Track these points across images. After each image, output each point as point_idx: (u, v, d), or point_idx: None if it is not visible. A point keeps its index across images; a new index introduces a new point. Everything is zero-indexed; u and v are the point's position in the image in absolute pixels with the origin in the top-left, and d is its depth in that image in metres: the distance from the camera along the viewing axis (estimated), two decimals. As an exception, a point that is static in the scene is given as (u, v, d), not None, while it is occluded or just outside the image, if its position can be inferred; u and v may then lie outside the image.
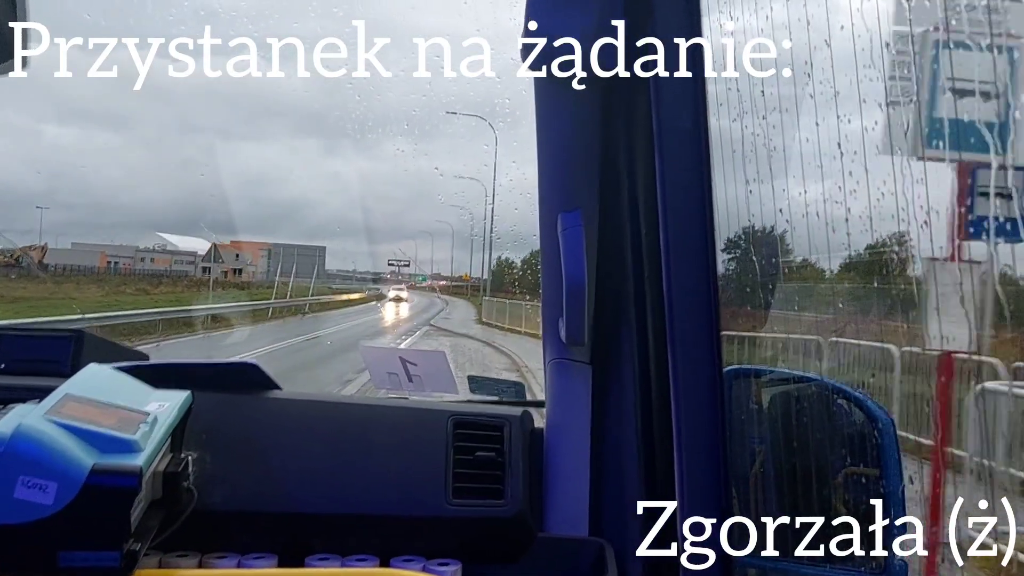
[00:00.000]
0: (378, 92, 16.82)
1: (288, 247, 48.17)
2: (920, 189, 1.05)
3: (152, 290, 40.31)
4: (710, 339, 1.26)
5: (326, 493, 1.49)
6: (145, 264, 72.19)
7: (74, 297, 31.08)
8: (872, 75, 1.08)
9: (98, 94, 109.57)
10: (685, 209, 1.24)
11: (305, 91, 39.50)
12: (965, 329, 1.72)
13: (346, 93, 19.90)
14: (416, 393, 2.09)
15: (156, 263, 73.94)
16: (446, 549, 1.49)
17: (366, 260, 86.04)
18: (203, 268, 74.11)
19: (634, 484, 1.52)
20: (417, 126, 43.99)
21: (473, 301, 52.18)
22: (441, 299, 56.03)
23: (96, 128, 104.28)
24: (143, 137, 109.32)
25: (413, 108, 25.24)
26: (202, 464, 1.42)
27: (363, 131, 27.11)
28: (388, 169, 71.99)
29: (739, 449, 1.54)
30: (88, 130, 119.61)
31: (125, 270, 65.98)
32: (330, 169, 70.50)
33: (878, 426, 1.52)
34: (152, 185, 67.57)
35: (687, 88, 1.22)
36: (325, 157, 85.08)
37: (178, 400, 1.32)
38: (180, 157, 71.83)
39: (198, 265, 66.98)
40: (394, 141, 50.15)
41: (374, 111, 34.33)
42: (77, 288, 36.19)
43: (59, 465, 1.05)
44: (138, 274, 61.06)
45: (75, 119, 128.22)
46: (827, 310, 1.70)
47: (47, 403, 1.13)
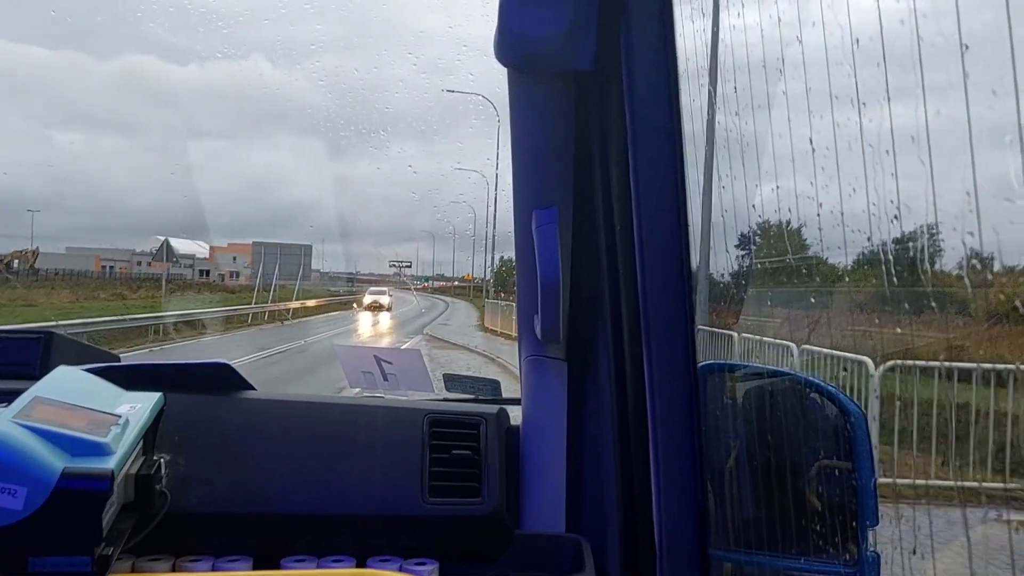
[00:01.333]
0: (381, 93, 16.64)
1: (271, 246, 43.76)
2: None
3: (130, 295, 39.23)
4: (685, 334, 1.27)
5: (301, 493, 1.48)
6: (142, 268, 71.21)
7: (34, 304, 30.01)
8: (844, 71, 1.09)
9: (105, 98, 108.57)
10: (659, 205, 1.24)
11: (308, 93, 38.69)
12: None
13: (348, 94, 19.93)
14: (391, 392, 2.09)
15: (153, 267, 73.08)
16: (423, 548, 1.48)
17: (368, 262, 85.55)
18: (149, 265, 72.97)
19: (611, 480, 1.52)
20: (423, 126, 43.53)
21: (476, 303, 49.01)
22: (442, 301, 53.26)
23: (103, 132, 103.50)
24: (149, 142, 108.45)
25: (418, 107, 24.90)
26: (175, 466, 1.41)
27: (367, 132, 26.73)
28: (391, 170, 71.16)
29: (714, 444, 1.55)
30: (95, 135, 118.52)
31: (121, 274, 64.92)
32: (333, 171, 70.70)
33: (850, 419, 1.53)
34: (157, 189, 67.18)
35: (660, 83, 1.23)
36: (327, 160, 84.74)
37: (150, 402, 1.31)
38: (184, 161, 72.14)
39: (195, 268, 65.90)
40: (399, 142, 49.85)
41: (377, 112, 33.92)
42: (47, 294, 35.02)
43: (28, 469, 1.03)
44: (134, 278, 59.95)
45: (82, 123, 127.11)
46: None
47: (15, 406, 1.12)
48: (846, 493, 1.51)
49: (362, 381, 2.10)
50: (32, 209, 65.25)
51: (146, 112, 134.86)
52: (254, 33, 32.84)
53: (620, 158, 1.33)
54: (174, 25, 31.77)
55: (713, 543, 1.37)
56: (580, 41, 1.27)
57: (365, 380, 2.10)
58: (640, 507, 1.39)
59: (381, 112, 29.66)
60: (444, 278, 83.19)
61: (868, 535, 1.47)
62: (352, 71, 23.02)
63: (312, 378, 14.90)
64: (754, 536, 1.55)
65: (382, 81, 17.09)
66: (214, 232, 60.00)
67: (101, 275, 61.50)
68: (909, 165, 0.99)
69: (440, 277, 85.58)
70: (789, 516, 1.52)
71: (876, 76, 1.02)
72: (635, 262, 1.28)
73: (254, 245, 45.70)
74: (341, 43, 40.78)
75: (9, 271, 37.80)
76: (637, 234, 1.26)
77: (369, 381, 2.09)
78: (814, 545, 1.51)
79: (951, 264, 1.12)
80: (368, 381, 2.09)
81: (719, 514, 1.51)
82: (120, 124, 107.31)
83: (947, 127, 0.92)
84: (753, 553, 1.52)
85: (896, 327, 1.59)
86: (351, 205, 71.92)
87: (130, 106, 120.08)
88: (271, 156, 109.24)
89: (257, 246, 45.25)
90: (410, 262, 71.00)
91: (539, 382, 1.71)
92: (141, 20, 43.63)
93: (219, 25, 33.00)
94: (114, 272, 66.06)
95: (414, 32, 31.93)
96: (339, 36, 49.93)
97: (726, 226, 1.49)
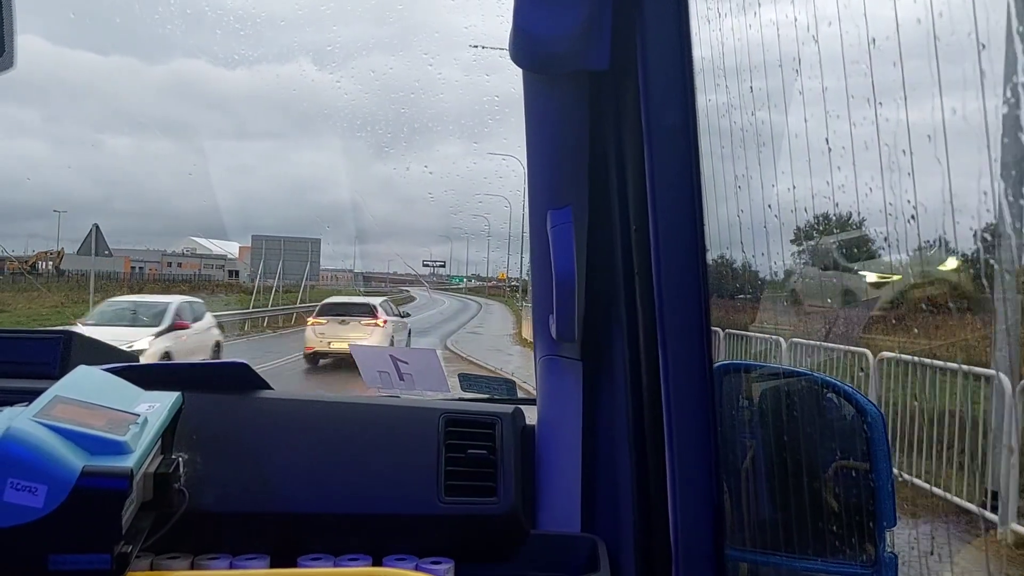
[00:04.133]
0: (428, 94, 16.48)
1: (272, 239, 36.54)
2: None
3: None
4: (700, 334, 1.27)
5: (318, 493, 1.49)
6: (172, 269, 71.06)
7: (6, 310, 29.17)
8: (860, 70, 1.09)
9: (155, 103, 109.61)
10: (675, 204, 1.24)
11: (353, 95, 38.07)
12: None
13: (392, 97, 19.65)
14: (407, 391, 2.09)
15: (184, 267, 72.80)
16: (438, 547, 1.49)
17: (399, 263, 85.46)
18: (180, 266, 72.27)
19: (626, 480, 1.52)
20: (467, 127, 43.07)
21: (510, 305, 44.14)
22: (475, 302, 46.53)
23: (151, 136, 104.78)
24: (196, 144, 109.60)
25: (464, 108, 24.74)
26: (193, 465, 1.42)
27: (411, 133, 26.40)
28: (437, 170, 70.88)
29: (730, 444, 1.55)
30: (143, 138, 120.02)
31: (151, 275, 64.73)
32: (375, 172, 70.69)
33: (868, 420, 1.53)
34: (200, 191, 67.87)
35: (676, 83, 1.22)
36: (372, 161, 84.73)
37: (168, 401, 1.32)
38: (232, 162, 72.28)
39: (225, 268, 64.95)
40: (447, 143, 49.56)
41: (422, 112, 33.65)
42: (38, 296, 33.22)
43: (49, 468, 1.04)
44: (163, 279, 59.55)
45: (130, 127, 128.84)
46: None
47: (36, 405, 1.13)
48: (863, 494, 1.51)
49: (378, 381, 2.11)
50: (58, 210, 65.50)
51: (194, 114, 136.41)
52: (299, 37, 32.92)
53: (635, 158, 1.33)
54: (224, 31, 32.16)
55: (729, 543, 1.36)
56: (594, 41, 1.27)
57: (381, 380, 2.11)
58: (656, 507, 1.39)
59: (423, 112, 29.30)
60: (480, 278, 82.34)
61: (886, 536, 1.46)
62: (393, 71, 23.06)
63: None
64: (770, 536, 1.55)
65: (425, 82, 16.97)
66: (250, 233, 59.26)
67: (130, 276, 61.14)
68: (926, 164, 0.99)
69: (476, 277, 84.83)
70: (805, 516, 1.52)
71: (892, 75, 1.02)
72: (650, 262, 1.28)
73: (253, 239, 38.76)
74: (383, 43, 40.80)
75: (34, 272, 37.71)
76: (652, 234, 1.26)
77: (385, 381, 2.10)
78: (831, 546, 1.51)
79: (967, 262, 1.11)
80: (384, 381, 2.10)
81: (735, 514, 1.50)
82: (168, 127, 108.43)
83: (963, 126, 0.91)
84: (769, 553, 1.52)
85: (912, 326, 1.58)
86: (389, 205, 71.99)
87: (178, 109, 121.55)
88: (313, 157, 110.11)
89: (257, 240, 37.80)
90: (444, 262, 70.32)
91: (554, 382, 1.71)
92: (191, 26, 44.10)
93: (263, 28, 33.14)
94: (144, 273, 65.76)
95: (458, 31, 31.54)
96: (383, 37, 50.11)
97: (742, 226, 1.49)
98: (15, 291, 36.14)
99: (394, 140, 34.44)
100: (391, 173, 73.00)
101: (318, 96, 39.74)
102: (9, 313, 27.72)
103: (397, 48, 26.75)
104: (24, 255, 36.99)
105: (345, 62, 39.62)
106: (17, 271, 41.23)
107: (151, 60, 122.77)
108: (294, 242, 35.85)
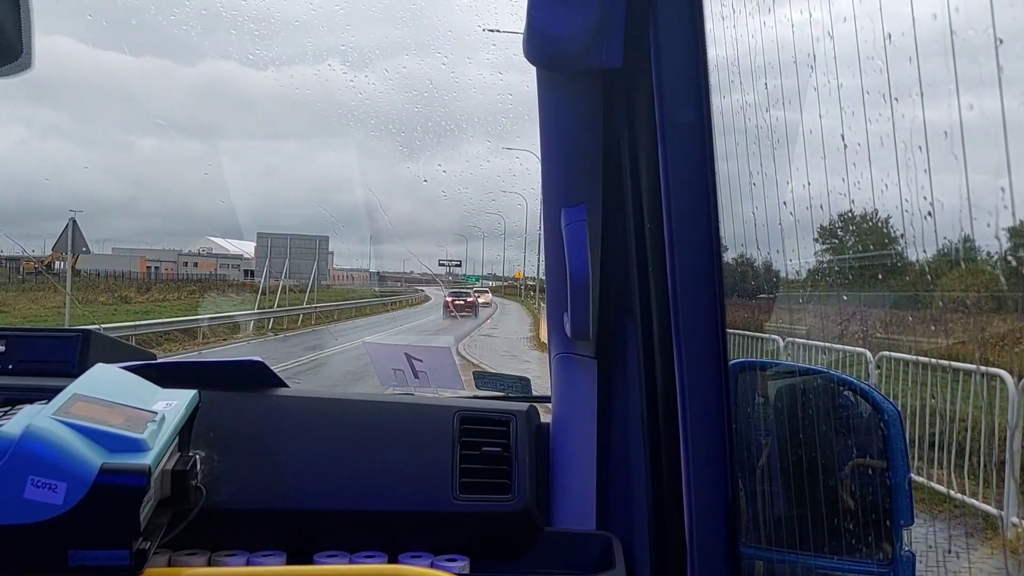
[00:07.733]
0: (450, 94, 16.55)
1: (278, 237, 34.04)
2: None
3: (138, 297, 37.45)
4: (715, 332, 1.27)
5: (334, 490, 1.50)
6: (188, 268, 71.05)
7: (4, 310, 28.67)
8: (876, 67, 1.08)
9: (184, 104, 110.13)
10: (689, 202, 1.24)
11: (369, 95, 37.95)
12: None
13: (416, 97, 19.61)
14: (421, 389, 2.10)
15: (200, 267, 72.78)
16: (453, 544, 1.49)
17: (414, 262, 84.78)
18: (196, 266, 71.82)
19: (641, 477, 1.52)
20: (492, 126, 42.96)
21: (527, 304, 43.08)
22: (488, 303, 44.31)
23: (180, 137, 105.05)
24: (224, 146, 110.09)
25: (488, 108, 24.65)
26: (210, 462, 1.43)
27: (438, 134, 26.16)
28: (460, 169, 70.43)
29: (745, 442, 1.54)
30: (172, 140, 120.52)
31: (167, 275, 64.68)
32: (399, 172, 70.55)
33: (884, 418, 1.52)
34: (225, 191, 68.95)
35: (690, 80, 1.22)
36: (397, 161, 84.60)
37: (185, 399, 1.33)
38: (261, 163, 72.50)
39: (241, 268, 64.53)
40: (471, 144, 49.34)
41: (446, 112, 33.60)
42: (40, 298, 32.14)
43: (68, 465, 1.05)
44: (180, 279, 59.25)
45: (159, 128, 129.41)
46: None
47: (55, 403, 1.14)
48: (880, 492, 1.50)
49: (392, 379, 2.12)
50: (74, 209, 65.77)
51: (224, 115, 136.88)
52: (329, 38, 32.78)
53: (649, 155, 1.33)
54: (255, 33, 32.51)
55: (744, 541, 1.36)
56: (608, 38, 1.26)
57: (396, 377, 2.12)
58: (670, 504, 1.39)
59: (448, 111, 29.20)
60: (497, 278, 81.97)
61: (903, 534, 1.45)
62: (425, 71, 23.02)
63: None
64: (786, 535, 1.54)
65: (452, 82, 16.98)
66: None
67: (146, 276, 60.85)
68: (942, 161, 0.98)
69: (492, 277, 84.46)
70: (821, 515, 1.51)
71: (909, 71, 1.01)
72: (665, 259, 1.28)
73: (258, 236, 37.33)
74: (411, 45, 40.75)
75: (50, 272, 37.87)
76: (667, 231, 1.26)
77: (400, 378, 2.11)
78: (847, 544, 1.50)
79: (985, 261, 1.10)
80: (399, 378, 2.11)
81: (750, 512, 1.50)
82: (197, 128, 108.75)
83: (981, 122, 0.91)
84: (784, 551, 1.51)
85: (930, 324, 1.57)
86: (409, 205, 71.68)
87: (207, 111, 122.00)
88: (332, 157, 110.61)
89: (262, 238, 36.49)
90: (459, 261, 70.10)
91: (569, 379, 1.71)
92: (222, 28, 44.07)
93: (289, 31, 33.08)
94: (159, 273, 65.78)
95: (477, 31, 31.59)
96: (410, 38, 50.01)
97: (757, 223, 1.48)
98: (19, 292, 36.00)
99: (414, 140, 34.31)
100: (407, 173, 73.20)
101: (333, 96, 39.65)
102: (7, 314, 27.54)
103: (422, 49, 26.79)
104: (42, 255, 37.09)
105: (366, 63, 39.58)
106: (33, 270, 41.41)
107: (182, 62, 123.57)
108: (300, 239, 34.86)
